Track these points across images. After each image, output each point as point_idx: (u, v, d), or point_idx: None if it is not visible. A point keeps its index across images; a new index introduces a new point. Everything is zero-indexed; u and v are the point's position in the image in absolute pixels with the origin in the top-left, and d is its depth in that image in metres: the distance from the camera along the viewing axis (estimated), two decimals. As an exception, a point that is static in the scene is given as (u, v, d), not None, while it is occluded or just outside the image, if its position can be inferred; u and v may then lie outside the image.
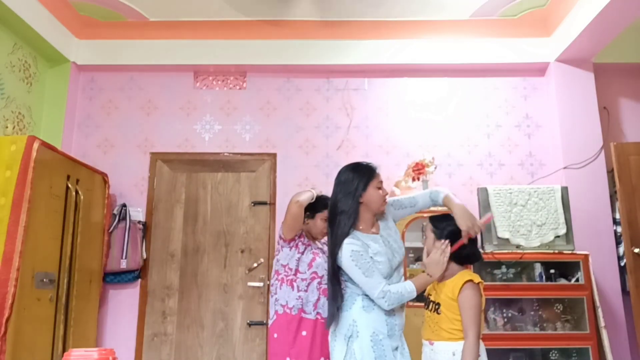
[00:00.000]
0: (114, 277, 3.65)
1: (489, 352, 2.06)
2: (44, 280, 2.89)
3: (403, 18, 4.02)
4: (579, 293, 3.22)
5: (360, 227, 2.14)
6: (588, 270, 3.24)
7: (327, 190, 2.68)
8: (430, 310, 2.04)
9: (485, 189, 3.46)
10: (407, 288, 2.02)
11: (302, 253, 2.58)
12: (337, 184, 2.19)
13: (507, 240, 3.35)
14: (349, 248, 2.04)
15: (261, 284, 3.73)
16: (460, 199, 3.78)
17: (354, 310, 2.07)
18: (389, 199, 2.23)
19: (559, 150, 3.83)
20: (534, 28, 4.01)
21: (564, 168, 3.76)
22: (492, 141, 4.00)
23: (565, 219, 3.38)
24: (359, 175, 2.15)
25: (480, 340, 1.95)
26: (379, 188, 2.16)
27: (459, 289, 1.95)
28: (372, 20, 4.03)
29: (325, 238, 2.79)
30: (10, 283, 2.61)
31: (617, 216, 3.62)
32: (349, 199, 2.11)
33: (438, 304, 2.01)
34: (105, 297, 3.70)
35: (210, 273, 3.79)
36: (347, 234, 2.08)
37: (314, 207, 2.66)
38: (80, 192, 3.27)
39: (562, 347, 3.22)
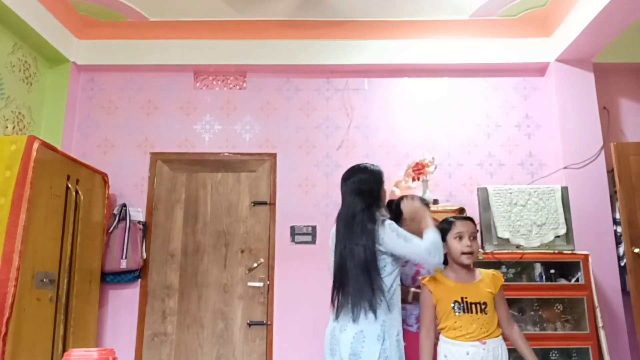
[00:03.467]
0: (114, 277, 3.65)
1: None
2: (44, 280, 2.89)
3: (403, 18, 4.02)
4: (579, 293, 3.22)
5: None
6: (588, 270, 3.24)
7: (327, 189, 2.67)
8: (476, 312, 2.08)
9: (485, 189, 3.46)
10: (434, 234, 2.15)
11: (404, 265, 2.49)
12: (359, 182, 2.31)
13: (507, 240, 3.35)
14: (387, 222, 2.18)
15: (261, 284, 3.73)
16: (460, 199, 3.82)
17: (382, 311, 2.12)
18: None
19: (559, 150, 3.83)
20: (534, 28, 4.01)
21: (564, 168, 3.76)
22: (492, 141, 4.00)
23: (565, 219, 3.38)
24: (375, 178, 2.33)
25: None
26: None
27: (500, 286, 2.15)
28: (372, 20, 4.03)
29: None
30: (10, 283, 2.60)
31: (617, 216, 3.62)
32: (371, 196, 2.28)
33: (485, 303, 2.09)
34: (105, 297, 3.70)
35: (210, 273, 3.79)
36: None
37: (395, 215, 2.57)
38: (80, 192, 3.27)
39: (562, 347, 3.22)
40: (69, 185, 3.17)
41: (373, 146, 3.98)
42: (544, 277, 3.32)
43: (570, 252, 3.32)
